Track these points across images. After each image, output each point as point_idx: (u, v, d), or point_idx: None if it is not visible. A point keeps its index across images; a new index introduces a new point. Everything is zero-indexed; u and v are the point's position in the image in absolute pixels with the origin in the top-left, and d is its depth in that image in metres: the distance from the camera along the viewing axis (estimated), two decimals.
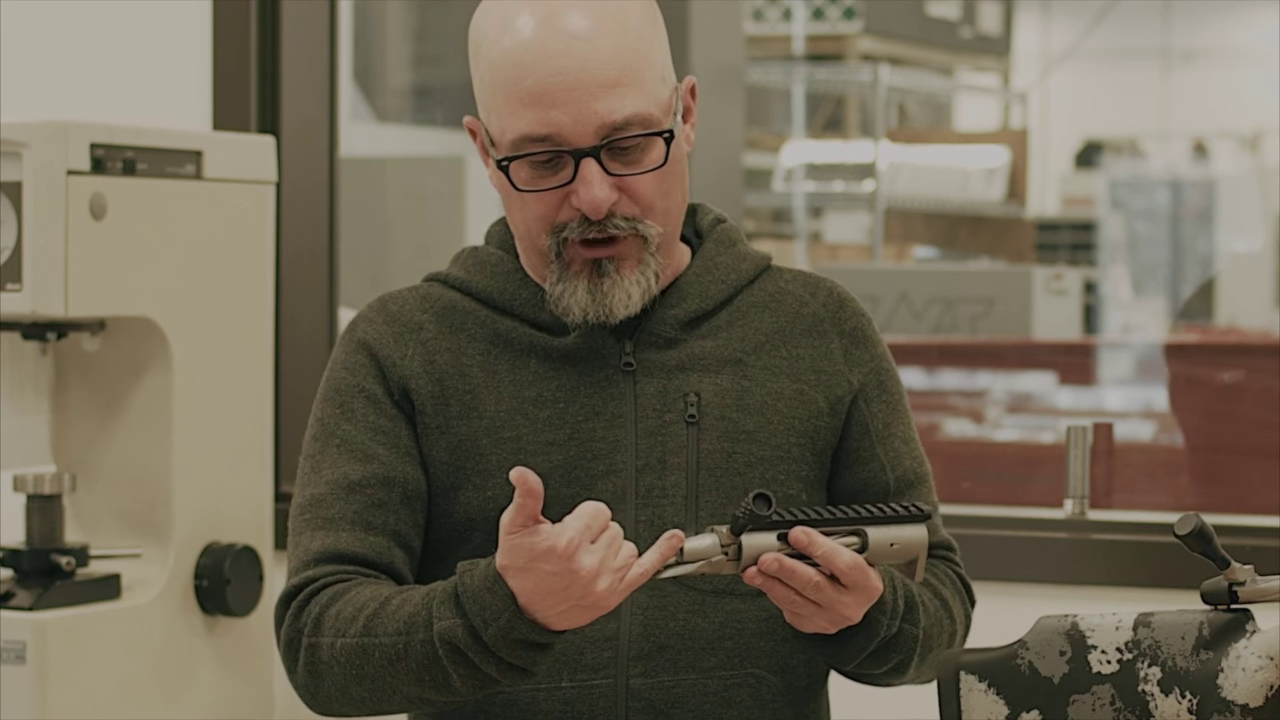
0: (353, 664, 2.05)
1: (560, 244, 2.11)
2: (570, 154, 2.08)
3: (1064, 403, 5.37)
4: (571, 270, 2.12)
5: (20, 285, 2.70)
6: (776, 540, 1.96)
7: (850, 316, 2.25)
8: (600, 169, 2.08)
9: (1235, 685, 1.85)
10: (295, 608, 2.11)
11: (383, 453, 2.14)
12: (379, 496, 2.13)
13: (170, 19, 3.46)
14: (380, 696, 2.06)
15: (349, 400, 2.17)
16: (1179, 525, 1.87)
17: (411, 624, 2.01)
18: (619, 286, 2.11)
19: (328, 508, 2.14)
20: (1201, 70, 15.66)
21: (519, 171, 2.10)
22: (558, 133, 2.07)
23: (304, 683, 2.11)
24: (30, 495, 2.81)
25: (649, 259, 2.12)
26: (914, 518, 2.00)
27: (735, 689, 2.14)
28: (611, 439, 2.13)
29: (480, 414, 2.14)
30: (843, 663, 2.12)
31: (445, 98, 6.49)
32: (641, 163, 2.10)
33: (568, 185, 2.09)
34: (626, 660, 2.11)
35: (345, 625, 2.06)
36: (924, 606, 2.13)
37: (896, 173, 8.25)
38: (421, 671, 2.01)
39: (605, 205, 2.08)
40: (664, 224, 2.13)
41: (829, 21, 8.47)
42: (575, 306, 2.12)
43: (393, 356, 2.17)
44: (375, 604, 2.05)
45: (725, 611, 2.14)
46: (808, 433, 2.18)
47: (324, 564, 2.12)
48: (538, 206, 2.11)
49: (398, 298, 2.23)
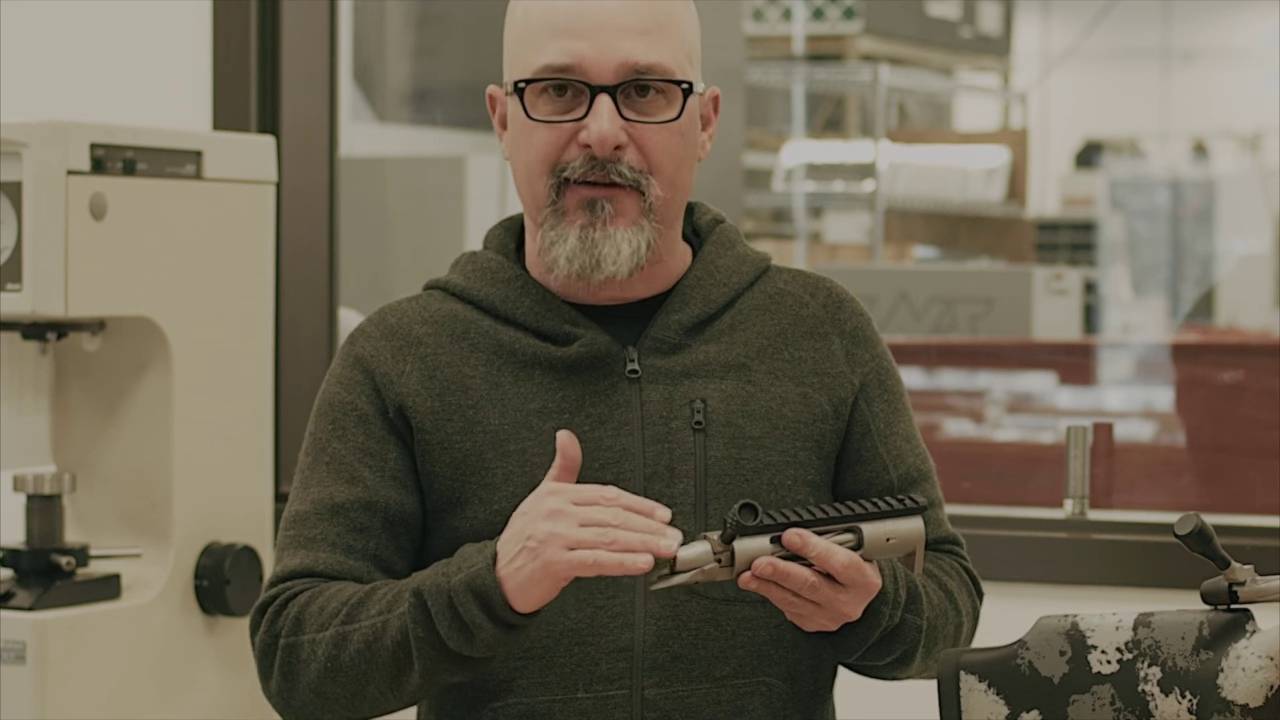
0: (330, 655, 2.04)
1: (560, 185, 2.11)
2: (587, 87, 2.08)
3: (1064, 403, 5.37)
4: (566, 217, 2.11)
5: (20, 285, 2.70)
6: (770, 544, 1.95)
7: (850, 316, 2.24)
8: (614, 107, 2.08)
9: (1235, 685, 1.85)
10: (271, 614, 2.10)
11: (368, 476, 2.14)
12: (360, 521, 2.13)
13: (170, 19, 3.47)
14: (351, 692, 2.05)
15: (341, 418, 2.16)
16: (1179, 525, 1.87)
17: (396, 600, 2.02)
18: (609, 239, 2.10)
19: (311, 527, 2.13)
20: (1201, 70, 15.67)
21: (533, 99, 2.10)
22: (579, 64, 2.08)
23: (277, 689, 2.09)
24: (30, 495, 2.81)
25: (644, 223, 2.11)
26: (909, 511, 1.99)
27: (748, 697, 2.14)
28: (619, 447, 2.12)
29: (484, 428, 2.13)
30: (847, 654, 2.11)
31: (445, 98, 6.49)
32: (657, 114, 2.11)
33: (579, 121, 2.09)
34: (641, 671, 2.11)
35: (327, 619, 2.05)
36: (927, 597, 2.12)
37: (896, 173, 8.25)
38: (394, 648, 2.00)
39: (612, 141, 2.08)
40: (666, 191, 2.12)
41: (829, 21, 8.47)
42: (563, 255, 2.10)
43: (389, 375, 2.16)
44: (361, 594, 2.05)
45: (737, 620, 2.13)
46: (813, 437, 2.18)
47: (300, 579, 2.12)
48: (544, 142, 2.10)
49: (397, 309, 2.21)
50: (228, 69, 3.43)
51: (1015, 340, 6.07)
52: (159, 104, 3.44)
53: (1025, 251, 8.72)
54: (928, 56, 9.05)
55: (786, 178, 8.49)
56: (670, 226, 2.16)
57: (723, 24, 5.08)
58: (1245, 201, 11.27)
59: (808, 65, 8.41)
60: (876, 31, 8.55)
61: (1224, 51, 15.51)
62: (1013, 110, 10.41)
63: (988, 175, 8.51)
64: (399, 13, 6.38)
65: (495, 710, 2.12)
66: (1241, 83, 14.64)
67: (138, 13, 3.49)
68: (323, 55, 3.50)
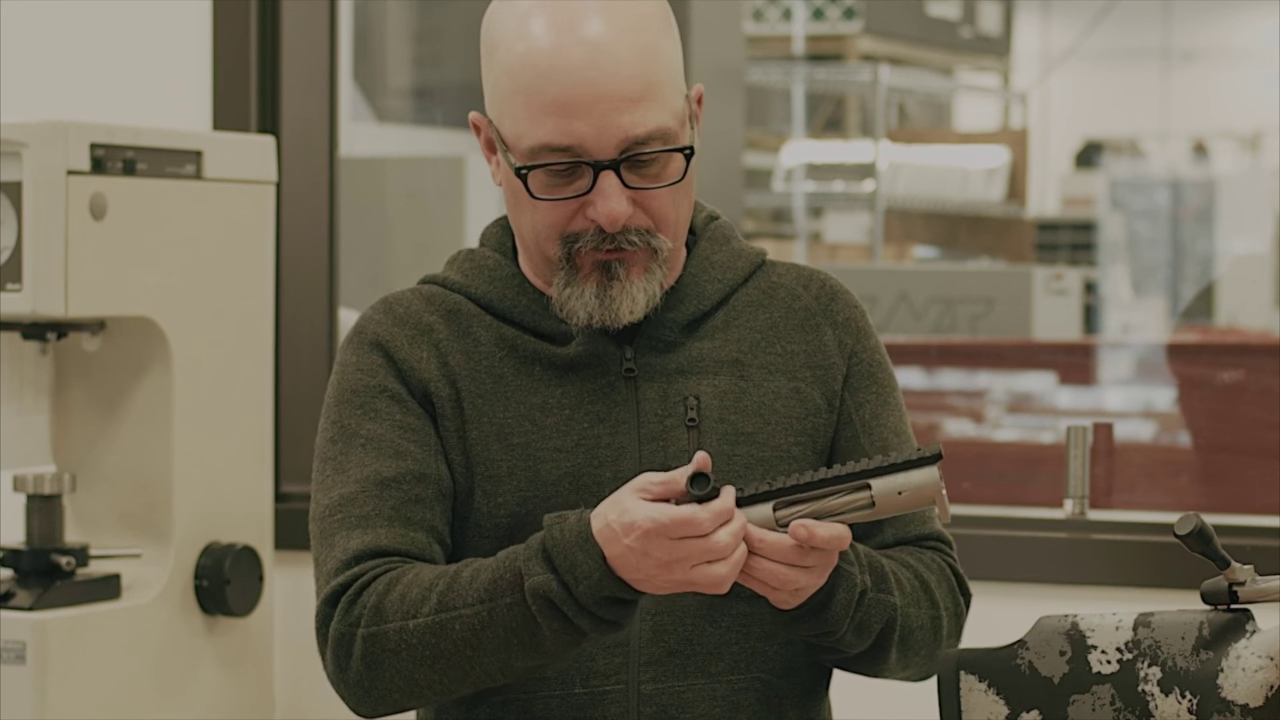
0: (427, 644, 2.01)
1: (571, 251, 2.11)
2: (590, 165, 2.07)
3: (1064, 403, 5.37)
4: (580, 274, 2.12)
5: (20, 285, 2.70)
6: (773, 511, 1.95)
7: (843, 308, 2.24)
8: (619, 182, 2.08)
9: (1235, 685, 1.85)
10: (345, 603, 2.06)
11: (414, 450, 2.12)
12: (415, 492, 2.10)
13: (170, 19, 3.47)
14: (452, 676, 2.03)
15: (371, 400, 2.14)
16: (1179, 525, 1.87)
17: (495, 589, 1.99)
18: (626, 293, 2.11)
19: (361, 505, 2.10)
20: (1201, 70, 15.67)
21: (535, 179, 2.10)
22: (580, 144, 2.06)
23: (358, 679, 2.05)
24: (30, 495, 2.81)
25: (656, 269, 2.12)
26: (919, 461, 1.94)
27: (743, 693, 2.14)
28: (616, 445, 2.13)
29: (491, 419, 2.14)
30: (832, 625, 2.06)
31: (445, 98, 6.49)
32: (660, 177, 2.10)
33: (584, 195, 2.09)
34: (637, 666, 2.11)
35: (414, 606, 2.02)
36: (897, 580, 2.10)
37: (896, 173, 8.25)
38: (510, 635, 1.99)
39: (623, 219, 2.08)
40: (674, 237, 2.14)
41: (829, 21, 8.47)
42: (581, 310, 2.12)
43: (409, 360, 2.15)
44: (445, 580, 2.03)
45: (733, 616, 2.13)
46: (806, 431, 2.18)
47: (367, 560, 2.08)
48: (551, 214, 2.11)
49: (402, 299, 2.20)
50: (228, 69, 3.43)
51: (1015, 340, 6.07)
52: (159, 104, 3.44)
53: (1025, 251, 8.72)
54: (928, 56, 9.05)
55: (786, 178, 8.49)
56: (678, 249, 2.18)
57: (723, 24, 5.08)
58: (1245, 201, 11.27)
59: (808, 65, 8.41)
60: (876, 31, 8.55)
61: (1224, 51, 15.51)
62: (1013, 110, 10.41)
63: (988, 175, 8.51)
64: (399, 13, 6.38)
65: (494, 705, 2.13)
66: (1241, 83, 14.64)
67: (138, 13, 3.49)
68: (323, 55, 3.50)
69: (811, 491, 1.95)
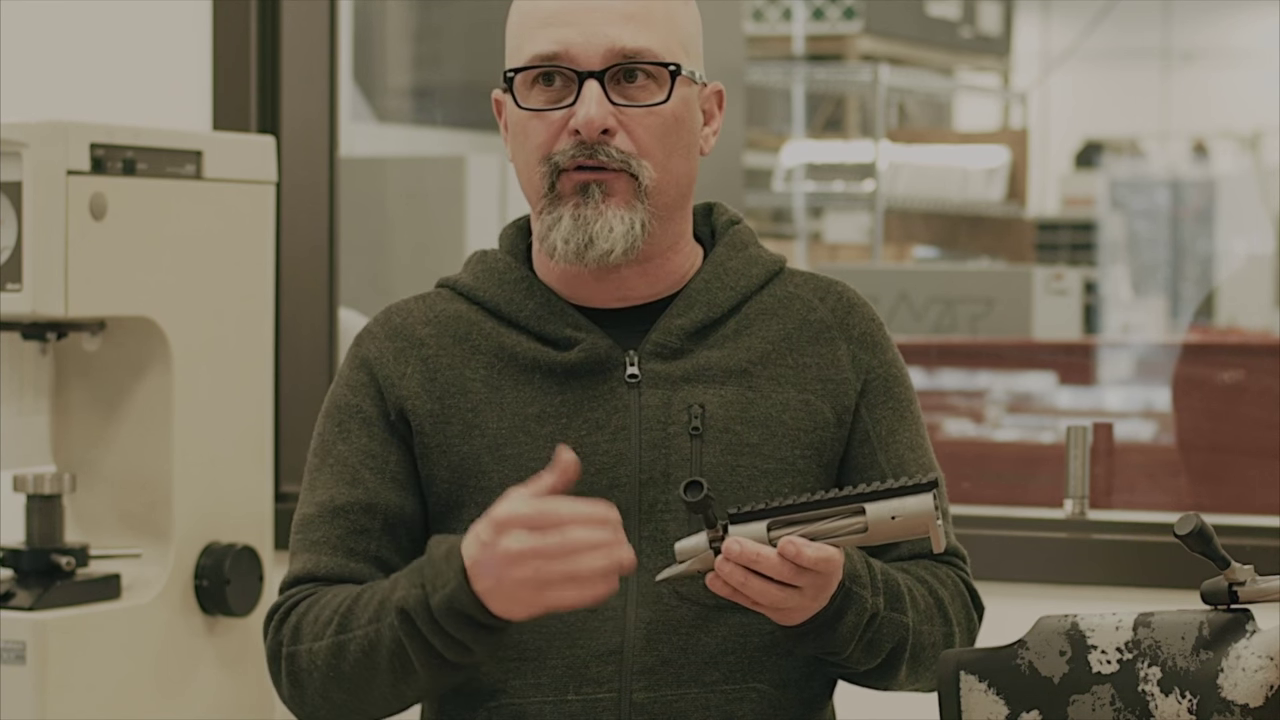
0: (330, 665, 2.05)
1: (554, 173, 2.11)
2: (575, 73, 2.09)
3: (1064, 403, 5.37)
4: (560, 202, 2.11)
5: (20, 285, 2.70)
6: (767, 531, 1.95)
7: (859, 321, 2.22)
8: (601, 92, 2.09)
9: (1235, 685, 1.85)
10: (276, 622, 2.13)
11: (369, 478, 2.15)
12: (361, 523, 2.14)
13: (170, 19, 3.47)
14: (359, 696, 2.06)
15: (346, 420, 2.18)
16: (1179, 525, 1.87)
17: (381, 610, 2.02)
18: (602, 217, 2.10)
19: (315, 530, 2.15)
20: (1201, 70, 15.66)
21: (524, 90, 2.12)
22: (566, 51, 2.09)
23: (289, 695, 2.12)
24: (30, 495, 2.81)
25: (638, 204, 2.11)
26: (914, 488, 1.94)
27: (737, 703, 2.13)
28: (614, 453, 2.12)
29: (482, 431, 2.14)
30: (838, 646, 2.07)
31: (445, 98, 6.49)
32: (644, 99, 2.11)
33: (569, 108, 2.10)
34: (630, 674, 2.10)
35: (321, 628, 2.07)
36: (912, 598, 2.10)
37: (896, 173, 8.25)
38: (391, 658, 2.01)
39: (599, 124, 2.09)
40: (658, 174, 2.12)
41: (829, 21, 8.46)
42: (559, 237, 2.11)
43: (391, 376, 2.16)
44: (349, 601, 2.06)
45: (729, 626, 2.12)
46: (813, 444, 2.16)
47: (306, 584, 2.14)
48: (538, 134, 2.12)
49: (403, 309, 2.22)
50: (228, 69, 3.43)
51: (1015, 340, 6.08)
52: (159, 104, 3.45)
53: (1025, 251, 8.72)
54: (928, 56, 9.04)
55: (786, 178, 8.48)
56: (669, 216, 2.16)
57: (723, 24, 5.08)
58: (1245, 201, 11.27)
59: (808, 65, 8.40)
60: (876, 31, 8.55)
61: (1224, 51, 15.51)
62: (1013, 110, 10.40)
63: (988, 175, 8.51)
64: (399, 13, 6.38)
65: (490, 710, 2.13)
66: (1241, 83, 14.63)
67: (138, 13, 3.49)
68: (323, 55, 3.50)
69: (806, 512, 1.95)
